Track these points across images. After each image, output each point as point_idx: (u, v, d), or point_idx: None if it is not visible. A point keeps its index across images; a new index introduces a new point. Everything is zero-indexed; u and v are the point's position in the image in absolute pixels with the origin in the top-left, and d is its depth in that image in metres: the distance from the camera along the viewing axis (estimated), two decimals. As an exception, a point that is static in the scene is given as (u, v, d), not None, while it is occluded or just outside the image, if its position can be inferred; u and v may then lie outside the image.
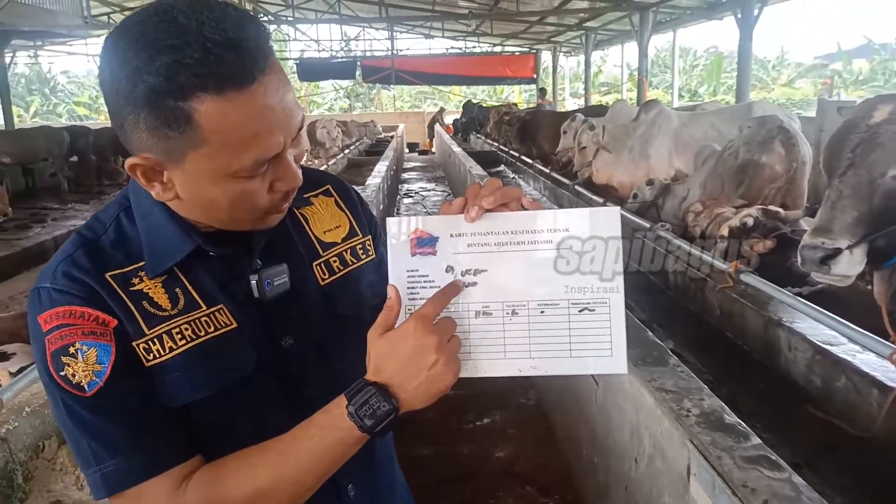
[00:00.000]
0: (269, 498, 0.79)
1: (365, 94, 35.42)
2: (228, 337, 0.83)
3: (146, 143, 0.74)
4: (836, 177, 2.23)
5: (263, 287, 0.85)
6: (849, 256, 2.13)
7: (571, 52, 22.93)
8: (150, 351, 0.79)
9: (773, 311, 2.74)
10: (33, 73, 33.08)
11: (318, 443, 0.78)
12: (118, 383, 0.77)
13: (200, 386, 0.81)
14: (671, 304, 3.64)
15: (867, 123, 2.20)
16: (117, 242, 0.83)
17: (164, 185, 0.78)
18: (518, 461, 2.92)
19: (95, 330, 0.77)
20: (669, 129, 6.10)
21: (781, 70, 28.96)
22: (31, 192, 11.46)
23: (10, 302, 5.53)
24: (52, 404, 0.80)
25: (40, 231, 8.14)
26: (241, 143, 0.73)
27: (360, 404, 0.76)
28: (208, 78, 0.69)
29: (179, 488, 0.78)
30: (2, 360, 2.81)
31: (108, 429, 0.77)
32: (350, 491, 0.95)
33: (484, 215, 0.82)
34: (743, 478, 1.34)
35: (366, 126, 18.35)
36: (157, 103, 0.70)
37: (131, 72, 0.70)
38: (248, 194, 0.78)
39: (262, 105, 0.73)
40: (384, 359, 0.78)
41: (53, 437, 2.09)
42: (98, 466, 0.77)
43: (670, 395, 1.73)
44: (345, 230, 0.99)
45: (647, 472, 1.83)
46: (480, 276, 0.82)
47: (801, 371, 2.51)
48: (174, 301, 0.82)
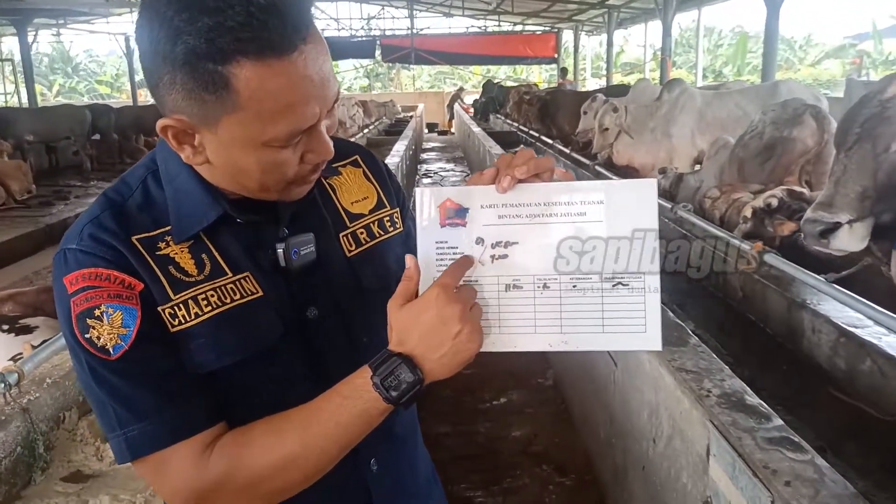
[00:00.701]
0: (294, 466, 0.78)
1: (384, 74, 35.30)
2: (254, 305, 0.82)
3: (180, 104, 0.72)
4: (843, 151, 2.23)
5: (290, 256, 0.84)
6: (848, 230, 2.14)
7: (593, 31, 22.62)
8: (175, 316, 0.78)
9: (796, 293, 2.70)
10: (56, 52, 33.32)
11: (343, 412, 0.77)
12: (143, 348, 0.76)
13: (226, 353, 0.80)
14: (691, 285, 3.60)
15: (879, 98, 2.19)
16: (144, 206, 0.82)
17: (195, 148, 0.77)
18: (535, 440, 2.92)
19: (121, 293, 0.76)
20: (693, 109, 5.99)
21: (808, 50, 28.39)
22: (55, 170, 11.61)
23: (34, 277, 5.60)
24: (76, 367, 0.79)
25: (63, 208, 8.23)
26: (276, 112, 0.72)
27: (385, 375, 0.76)
28: (250, 43, 0.68)
29: (204, 454, 0.78)
30: (25, 333, 2.85)
31: (132, 393, 0.76)
32: (373, 465, 0.94)
33: (515, 186, 0.79)
34: (764, 459, 1.32)
35: (385, 106, 18.28)
36: (196, 65, 0.69)
37: (172, 31, 0.68)
38: (279, 164, 0.77)
39: (301, 75, 0.71)
40: (407, 329, 0.77)
41: (74, 408, 2.12)
42: (122, 430, 0.77)
43: (690, 375, 1.71)
44: (372, 202, 0.97)
45: (665, 452, 1.81)
46: (511, 248, 0.80)
47: (824, 354, 2.46)
48: (200, 267, 0.81)
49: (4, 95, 21.28)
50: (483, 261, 0.81)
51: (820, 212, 2.19)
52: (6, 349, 2.57)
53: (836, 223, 2.15)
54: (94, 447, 2.04)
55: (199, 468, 0.77)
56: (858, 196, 2.13)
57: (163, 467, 0.78)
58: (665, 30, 12.99)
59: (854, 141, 2.19)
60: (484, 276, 0.81)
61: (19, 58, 16.08)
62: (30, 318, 2.96)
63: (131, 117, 12.78)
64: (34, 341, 2.75)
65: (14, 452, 1.82)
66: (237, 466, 0.78)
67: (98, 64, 36.85)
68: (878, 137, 2.13)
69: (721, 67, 28.56)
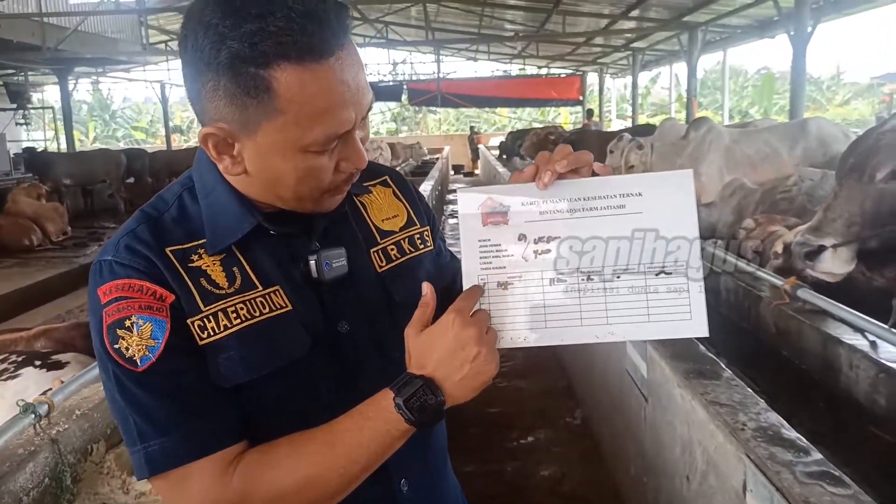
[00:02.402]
0: (316, 486, 0.78)
1: (411, 118, 35.81)
2: (283, 319, 0.83)
3: (222, 111, 0.75)
4: (837, 180, 2.38)
5: (322, 267, 0.85)
6: (832, 254, 2.28)
7: (618, 73, 22.79)
8: (204, 329, 0.79)
9: (832, 328, 2.63)
10: (94, 100, 34.46)
11: (364, 433, 0.78)
12: (170, 360, 0.77)
13: (253, 367, 0.80)
14: (723, 321, 3.53)
15: (878, 131, 2.34)
16: (179, 219, 0.84)
17: (234, 158, 0.79)
18: (563, 480, 2.86)
19: (152, 305, 0.77)
20: (720, 146, 5.96)
21: (837, 90, 28.22)
22: (90, 212, 11.93)
23: (66, 316, 5.69)
24: (103, 378, 0.80)
25: (97, 249, 8.37)
26: (315, 116, 0.74)
27: (407, 396, 0.77)
28: (290, 47, 0.70)
29: (227, 471, 0.77)
30: (57, 368, 2.88)
31: (155, 406, 0.77)
32: (403, 486, 0.93)
33: (555, 182, 0.81)
34: (804, 493, 1.27)
35: (411, 148, 18.52)
36: (239, 69, 0.71)
37: (216, 37, 0.71)
38: (316, 170, 0.78)
39: (339, 79, 0.74)
40: (426, 353, 0.78)
41: (102, 440, 2.13)
42: (142, 445, 0.76)
43: (724, 408, 1.66)
44: (402, 219, 0.99)
45: (699, 489, 1.75)
46: (553, 243, 0.82)
47: (863, 390, 2.39)
48: (231, 280, 0.82)
49: (45, 141, 22.03)
50: (527, 256, 0.83)
51: (807, 235, 2.35)
52: (37, 384, 2.60)
53: (820, 246, 2.29)
54: (121, 480, 2.04)
55: (222, 486, 0.77)
56: (845, 222, 2.27)
57: (182, 484, 0.77)
58: (690, 70, 13.03)
59: (847, 170, 2.33)
60: (528, 272, 0.83)
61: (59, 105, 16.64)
62: (61, 353, 3.00)
63: (164, 161, 13.13)
64: (65, 377, 2.79)
65: (42, 483, 1.82)
66: (259, 486, 0.77)
67: (135, 111, 38.01)
68: (867, 167, 2.26)
69: (747, 108, 28.48)
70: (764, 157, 5.90)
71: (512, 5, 14.19)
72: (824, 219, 2.33)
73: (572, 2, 12.76)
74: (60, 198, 10.55)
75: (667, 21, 13.03)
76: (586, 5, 13.14)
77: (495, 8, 14.77)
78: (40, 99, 21.61)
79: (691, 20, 12.39)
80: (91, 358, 2.68)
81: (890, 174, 2.23)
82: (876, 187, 2.25)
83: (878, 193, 2.24)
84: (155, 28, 16.53)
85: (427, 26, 15.18)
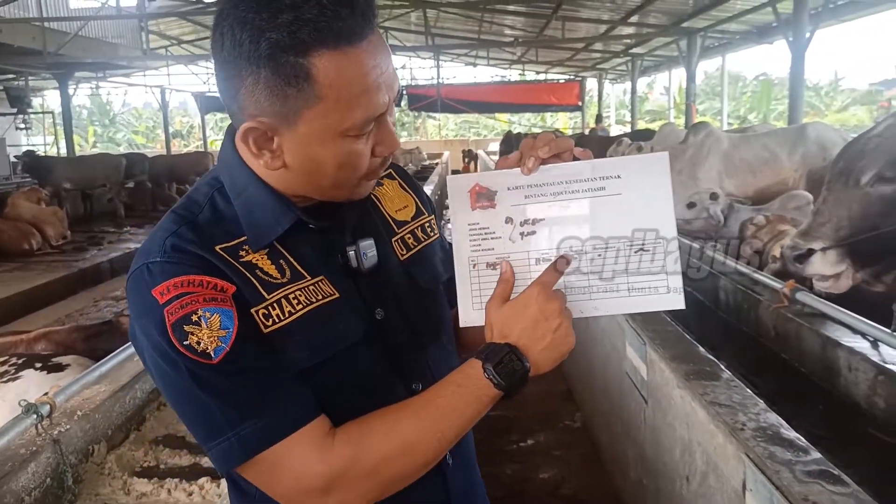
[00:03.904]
0: (415, 450, 0.81)
1: (410, 123, 35.87)
2: (335, 304, 0.85)
3: (263, 104, 0.76)
4: (826, 184, 2.43)
5: (361, 258, 0.88)
6: (821, 256, 2.34)
7: (617, 78, 22.84)
8: (269, 316, 0.80)
9: (830, 331, 2.64)
10: (94, 105, 34.49)
11: (457, 399, 0.81)
12: (244, 347, 0.77)
13: (318, 350, 0.82)
14: (722, 325, 3.54)
15: (866, 136, 2.38)
16: (214, 221, 0.85)
17: (274, 152, 0.81)
18: (563, 483, 2.85)
19: (216, 296, 0.78)
20: (719, 151, 5.98)
21: (835, 96, 28.26)
22: (89, 217, 11.90)
23: (66, 319, 5.68)
24: (167, 379, 0.78)
25: (96, 253, 8.40)
26: (352, 99, 0.76)
27: (496, 363, 0.80)
28: (327, 33, 0.73)
29: (326, 440, 0.79)
30: (57, 371, 2.89)
31: (239, 392, 0.77)
32: (449, 460, 0.96)
33: (539, 167, 0.86)
34: (804, 492, 1.27)
35: (411, 153, 18.51)
36: (279, 59, 0.73)
37: (254, 31, 0.73)
38: (355, 155, 0.80)
39: (372, 62, 0.76)
40: (510, 324, 0.82)
41: (103, 441, 2.14)
42: (233, 432, 0.76)
43: (724, 408, 1.67)
44: (412, 210, 1.03)
45: (699, 490, 1.76)
46: (538, 225, 0.86)
47: (862, 392, 2.39)
48: (282, 272, 0.84)
49: (45, 146, 22.03)
50: (514, 238, 0.87)
51: (797, 239, 2.41)
52: (38, 386, 2.60)
53: (809, 250, 2.35)
54: (122, 481, 2.04)
55: (325, 452, 0.78)
56: (833, 226, 2.33)
57: (282, 460, 0.77)
58: (689, 76, 13.07)
59: (835, 175, 2.38)
60: (515, 253, 0.87)
61: (59, 110, 16.66)
62: (61, 356, 3.01)
63: (164, 166, 13.15)
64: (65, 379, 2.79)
65: (44, 484, 1.83)
66: (362, 450, 0.79)
67: (135, 115, 38.04)
68: (854, 171, 2.31)
69: (746, 114, 28.51)
70: (763, 161, 5.91)
71: (511, 11, 14.22)
72: (813, 222, 2.39)
73: (571, 8, 12.80)
74: (60, 202, 10.55)
75: (666, 27, 13.07)
76: (585, 11, 13.18)
77: (495, 14, 14.82)
78: (41, 103, 21.66)
79: (690, 26, 12.44)
80: (91, 360, 2.68)
81: (874, 177, 2.27)
82: (862, 191, 2.29)
83: (864, 197, 2.28)
84: (155, 33, 16.56)
85: (427, 32, 15.23)
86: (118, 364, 2.28)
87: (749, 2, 10.28)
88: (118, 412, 2.27)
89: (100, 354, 2.56)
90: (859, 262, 2.32)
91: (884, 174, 2.25)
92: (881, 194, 2.26)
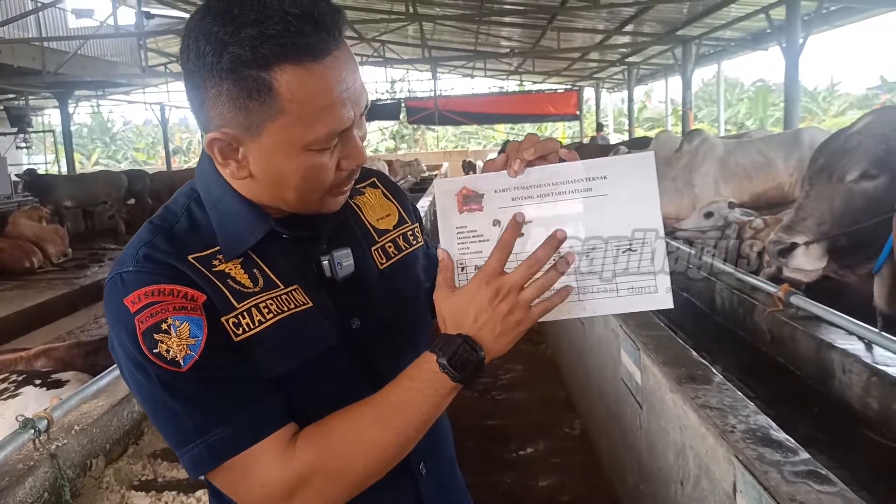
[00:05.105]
0: (377, 448, 0.81)
1: (409, 136, 35.96)
2: (307, 314, 0.86)
3: (226, 116, 0.77)
4: (808, 180, 2.48)
5: (335, 268, 0.88)
6: (804, 251, 2.38)
7: (614, 87, 22.92)
8: (239, 325, 0.81)
9: (824, 333, 2.65)
10: (95, 123, 34.67)
11: (414, 395, 0.81)
12: (213, 355, 0.78)
13: (289, 358, 0.83)
14: (718, 329, 3.55)
15: (847, 132, 2.42)
16: (190, 230, 0.86)
17: (239, 162, 0.82)
18: (562, 490, 2.86)
19: (186, 305, 0.79)
20: (714, 157, 6.00)
21: (832, 101, 28.34)
22: (90, 234, 11.95)
23: (67, 336, 5.71)
24: (141, 386, 0.80)
25: (97, 270, 8.44)
26: (316, 114, 0.77)
27: (450, 355, 0.80)
28: (289, 48, 0.74)
29: (289, 446, 0.79)
30: (56, 387, 2.90)
31: (208, 399, 0.78)
32: (422, 469, 0.97)
33: (525, 169, 0.86)
34: (791, 492, 1.28)
35: (410, 165, 18.59)
36: (241, 73, 0.74)
37: (217, 44, 0.74)
38: (319, 169, 0.81)
39: (337, 78, 0.77)
40: (461, 313, 0.82)
41: (101, 455, 2.14)
42: (201, 439, 0.78)
43: (714, 411, 1.68)
44: (395, 218, 1.04)
45: (693, 494, 1.76)
46: (526, 227, 0.85)
47: (856, 394, 2.40)
48: (254, 281, 0.85)
49: (45, 164, 22.14)
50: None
51: (780, 234, 2.45)
52: (38, 402, 2.61)
53: (792, 244, 2.40)
54: (120, 494, 2.05)
55: (287, 459, 0.79)
56: (815, 220, 2.37)
57: (248, 468, 0.79)
58: (685, 83, 13.12)
59: (817, 171, 2.42)
60: None
61: (60, 129, 16.75)
62: (60, 372, 3.02)
63: (165, 182, 13.18)
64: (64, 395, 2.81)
65: (41, 498, 1.84)
66: (323, 454, 0.79)
67: (135, 132, 38.21)
68: (836, 168, 2.35)
69: (743, 119, 28.58)
70: (759, 167, 5.93)
71: (507, 22, 14.31)
72: (796, 217, 2.43)
73: (567, 18, 12.86)
74: (61, 220, 10.60)
75: (661, 35, 13.14)
76: (581, 21, 13.25)
77: (491, 25, 14.90)
78: (41, 122, 21.77)
79: (685, 34, 12.51)
80: (91, 376, 2.70)
81: (860, 175, 2.30)
82: (845, 187, 2.32)
83: (847, 193, 2.31)
84: (154, 51, 16.69)
85: (423, 44, 15.33)
86: (116, 378, 2.29)
87: (743, 9, 10.33)
88: (116, 426, 2.28)
89: (99, 371, 2.57)
90: (836, 254, 2.36)
91: (868, 171, 2.28)
92: (863, 190, 2.30)
